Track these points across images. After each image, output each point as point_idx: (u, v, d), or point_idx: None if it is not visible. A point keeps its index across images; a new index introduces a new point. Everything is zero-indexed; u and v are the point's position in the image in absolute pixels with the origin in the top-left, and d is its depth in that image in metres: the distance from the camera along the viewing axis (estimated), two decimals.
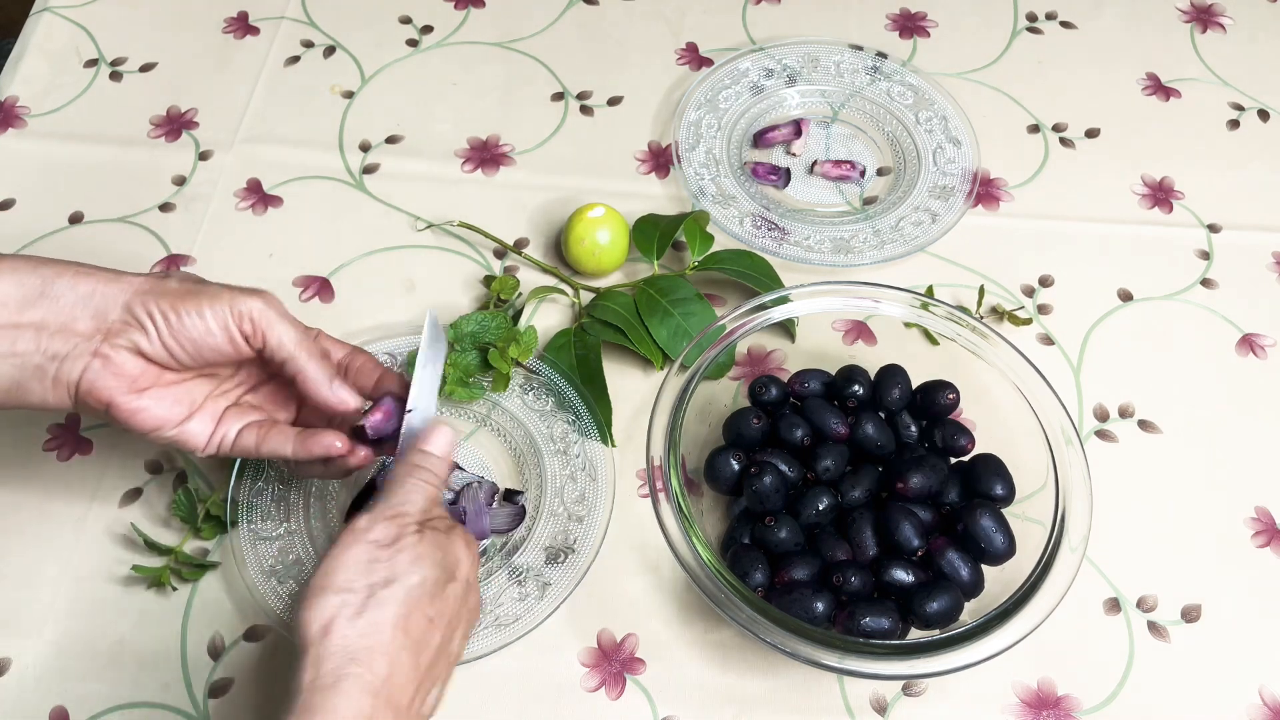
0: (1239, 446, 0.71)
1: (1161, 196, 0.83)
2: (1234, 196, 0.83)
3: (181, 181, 0.81)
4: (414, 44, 0.91)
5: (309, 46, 0.90)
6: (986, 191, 0.83)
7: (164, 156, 0.83)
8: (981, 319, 0.70)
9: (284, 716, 0.45)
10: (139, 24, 0.91)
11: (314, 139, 0.84)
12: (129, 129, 0.84)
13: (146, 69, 0.88)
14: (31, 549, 0.65)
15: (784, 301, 0.66)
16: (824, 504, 0.62)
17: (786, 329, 0.72)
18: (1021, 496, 0.63)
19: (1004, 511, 0.62)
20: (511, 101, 0.87)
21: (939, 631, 0.58)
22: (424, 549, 0.50)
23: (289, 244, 0.79)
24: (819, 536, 0.62)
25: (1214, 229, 0.81)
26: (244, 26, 0.91)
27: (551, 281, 0.77)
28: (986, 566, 0.61)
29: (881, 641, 0.56)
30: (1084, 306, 0.77)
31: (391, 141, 0.84)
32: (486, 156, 0.84)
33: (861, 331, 0.73)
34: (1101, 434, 0.72)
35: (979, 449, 0.66)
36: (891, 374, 0.67)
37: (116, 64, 0.88)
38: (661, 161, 0.84)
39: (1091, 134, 0.87)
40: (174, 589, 0.64)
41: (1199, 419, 0.72)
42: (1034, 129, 0.87)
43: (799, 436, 0.65)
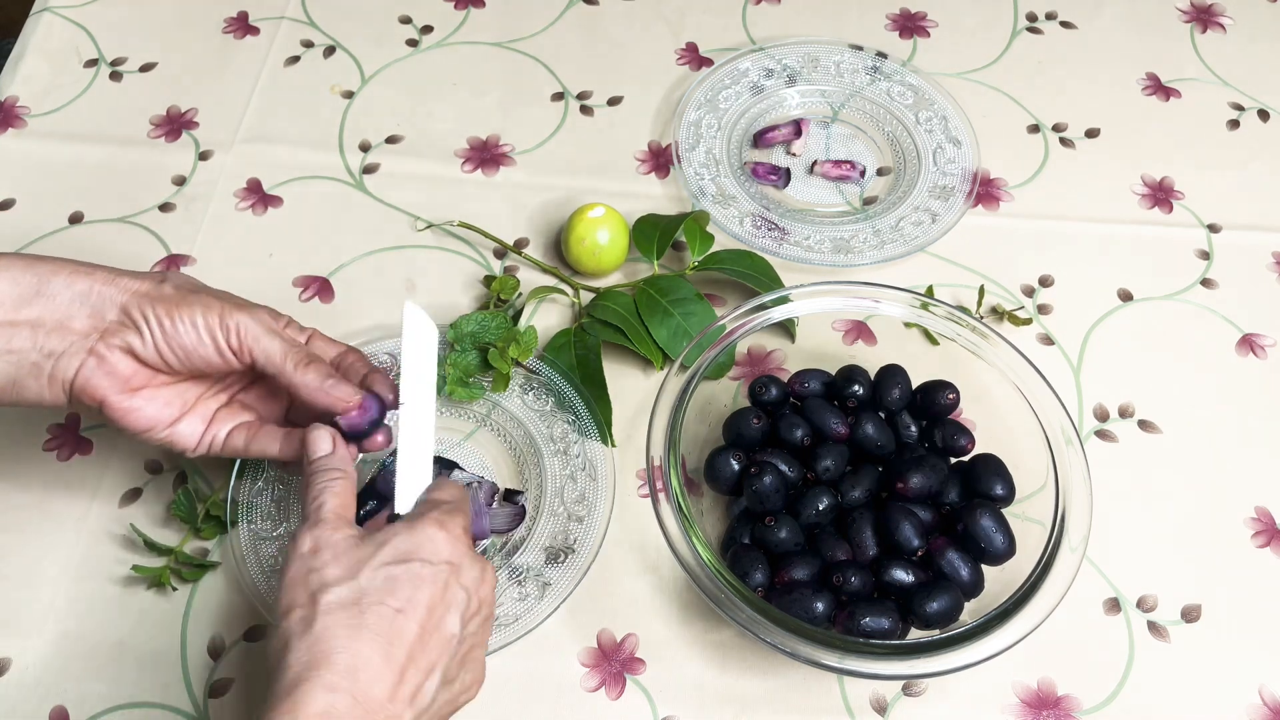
0: (1239, 446, 0.71)
1: (1161, 196, 0.83)
2: (1234, 196, 0.83)
3: (181, 181, 0.81)
4: (414, 44, 0.91)
5: (309, 46, 0.90)
6: (986, 191, 0.83)
7: (164, 156, 0.83)
8: (981, 319, 0.70)
9: None
10: (139, 24, 0.91)
11: (314, 139, 0.84)
12: (129, 129, 0.84)
13: (146, 69, 0.88)
14: (31, 549, 0.65)
15: (784, 301, 0.66)
16: (824, 504, 0.62)
17: (786, 329, 0.72)
18: (1021, 496, 0.63)
19: (1004, 511, 0.62)
20: (511, 101, 0.87)
21: (939, 631, 0.58)
22: (358, 549, 0.50)
23: (289, 244, 0.79)
24: (819, 536, 0.62)
25: (1214, 229, 0.81)
26: (244, 26, 0.91)
27: (551, 281, 0.77)
28: (986, 566, 0.61)
29: (881, 641, 0.56)
30: (1084, 306, 0.77)
31: (391, 141, 0.84)
32: (486, 156, 0.84)
33: (861, 331, 0.73)
34: (1101, 434, 0.72)
35: (979, 449, 0.66)
36: (891, 374, 0.67)
37: (116, 64, 0.88)
38: (661, 161, 0.84)
39: (1091, 134, 0.87)
40: (174, 589, 0.64)
41: (1199, 419, 0.72)
42: (1034, 129, 0.87)
43: (799, 436, 0.65)
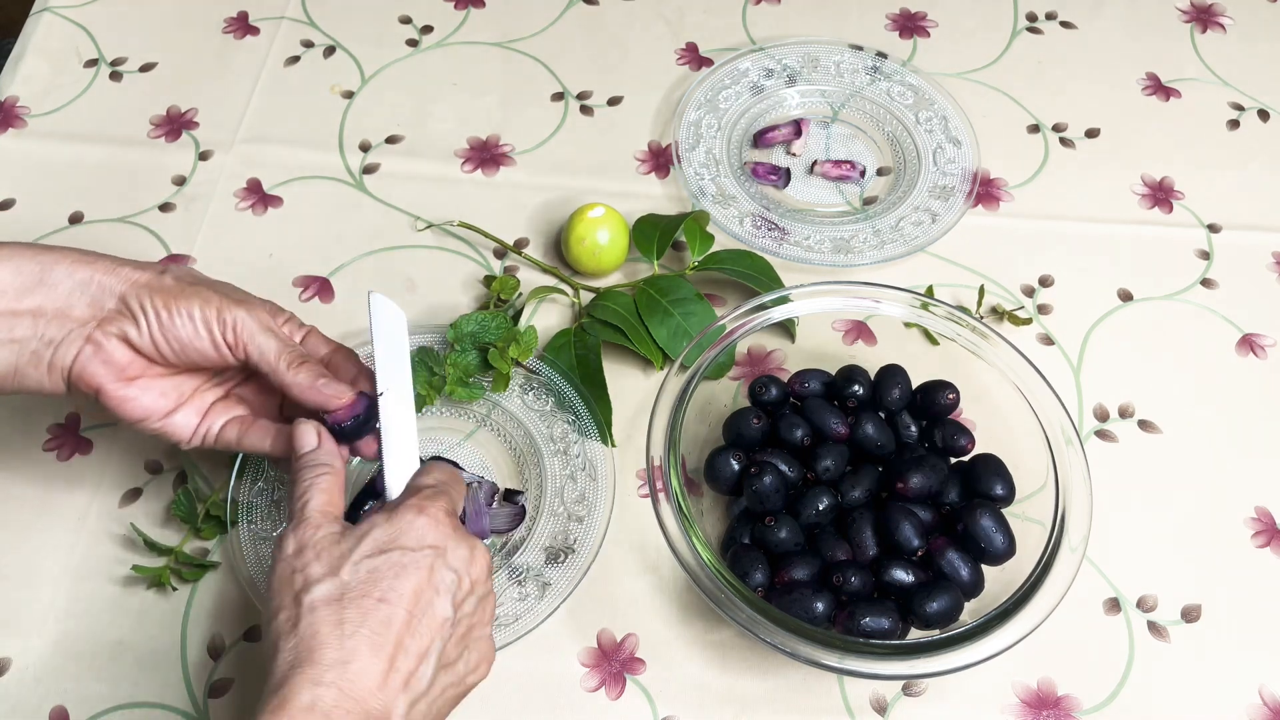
0: (1239, 446, 0.71)
1: (1161, 196, 0.83)
2: (1234, 196, 0.83)
3: (181, 181, 0.81)
4: (414, 44, 0.91)
5: (309, 46, 0.90)
6: (986, 191, 0.83)
7: (164, 156, 0.83)
8: (981, 319, 0.70)
9: None
10: (139, 24, 0.91)
11: (314, 139, 0.84)
12: (129, 129, 0.84)
13: (146, 69, 0.88)
14: (31, 548, 0.65)
15: (784, 301, 0.66)
16: (824, 504, 0.62)
17: (786, 329, 0.72)
18: (1021, 496, 0.63)
19: (1004, 511, 0.62)
20: (511, 101, 0.87)
21: (939, 631, 0.58)
22: (339, 545, 0.50)
23: (289, 244, 0.79)
24: (819, 536, 0.62)
25: (1214, 229, 0.81)
26: (244, 26, 0.91)
27: (551, 281, 0.77)
28: (986, 566, 0.61)
29: (881, 641, 0.56)
30: (1084, 306, 0.77)
31: (391, 141, 0.84)
32: (486, 156, 0.84)
33: (861, 331, 0.73)
34: (1101, 434, 0.72)
35: (979, 449, 0.66)
36: (891, 374, 0.67)
37: (116, 64, 0.88)
38: (661, 161, 0.84)
39: (1091, 134, 0.87)
40: (174, 589, 0.64)
41: (1199, 419, 0.72)
42: (1034, 129, 0.87)
43: (799, 436, 0.65)
